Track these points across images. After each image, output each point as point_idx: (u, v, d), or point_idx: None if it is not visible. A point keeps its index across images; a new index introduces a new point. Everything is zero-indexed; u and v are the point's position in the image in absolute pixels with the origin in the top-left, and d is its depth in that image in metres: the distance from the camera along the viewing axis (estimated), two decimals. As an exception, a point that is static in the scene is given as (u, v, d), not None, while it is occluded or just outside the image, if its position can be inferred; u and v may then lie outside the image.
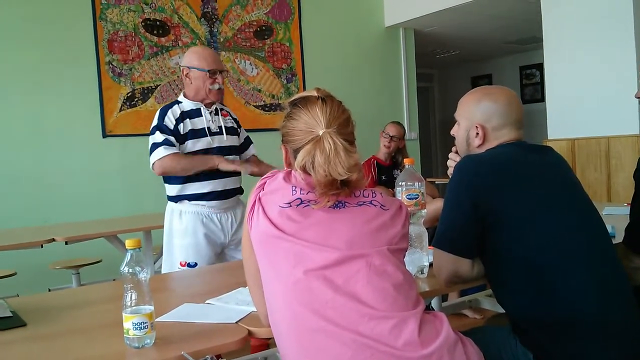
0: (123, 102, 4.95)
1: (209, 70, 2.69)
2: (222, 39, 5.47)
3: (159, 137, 2.63)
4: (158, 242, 4.14)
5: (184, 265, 2.69)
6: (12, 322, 1.54)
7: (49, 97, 4.64)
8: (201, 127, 2.71)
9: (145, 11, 5.07)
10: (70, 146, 4.73)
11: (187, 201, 2.75)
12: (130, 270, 1.30)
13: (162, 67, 5.13)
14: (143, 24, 5.06)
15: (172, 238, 2.78)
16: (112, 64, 4.90)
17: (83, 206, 4.69)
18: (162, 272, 2.78)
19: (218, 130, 2.76)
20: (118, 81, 4.93)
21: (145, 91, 5.06)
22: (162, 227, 3.77)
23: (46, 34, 4.64)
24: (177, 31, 5.23)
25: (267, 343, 2.76)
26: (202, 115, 2.73)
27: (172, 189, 2.76)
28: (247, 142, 2.99)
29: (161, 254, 3.99)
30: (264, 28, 5.75)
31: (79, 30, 4.78)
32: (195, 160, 2.64)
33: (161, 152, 2.60)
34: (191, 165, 2.64)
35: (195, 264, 2.69)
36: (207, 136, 2.70)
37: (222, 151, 2.73)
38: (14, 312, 1.62)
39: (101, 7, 4.86)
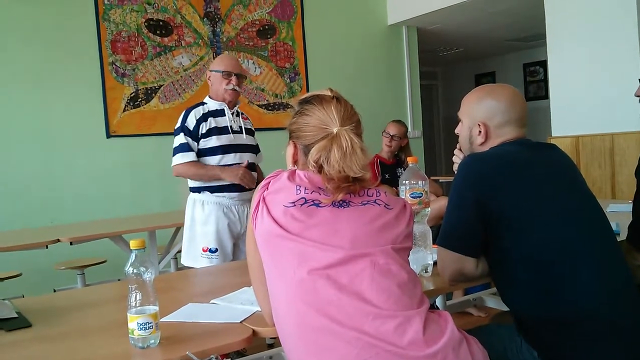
0: (127, 102, 4.96)
1: (222, 72, 2.97)
2: (225, 39, 5.47)
3: (180, 139, 2.92)
4: (162, 242, 4.17)
5: (205, 251, 2.92)
6: (18, 322, 1.54)
7: (52, 98, 4.65)
8: (224, 125, 2.97)
9: (148, 11, 5.08)
10: (74, 146, 4.74)
11: (208, 192, 2.97)
12: (135, 271, 1.30)
13: (165, 67, 5.14)
14: (146, 24, 5.07)
15: (194, 226, 2.98)
16: (115, 65, 4.91)
17: (87, 206, 4.70)
18: (184, 262, 2.97)
19: (239, 129, 3.04)
20: (121, 81, 4.94)
21: (149, 91, 5.06)
22: (166, 227, 3.83)
23: (49, 34, 4.65)
24: (180, 31, 5.23)
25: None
26: (225, 115, 2.99)
27: (195, 181, 3.00)
28: (258, 148, 3.22)
29: (166, 254, 4.04)
30: (266, 27, 5.75)
31: (82, 30, 4.79)
32: (203, 170, 2.92)
33: (177, 159, 2.92)
34: (199, 175, 2.93)
35: (217, 250, 2.91)
36: (229, 133, 2.98)
37: (242, 148, 3.02)
38: (20, 312, 1.63)
39: (104, 7, 4.86)
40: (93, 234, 3.40)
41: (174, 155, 2.94)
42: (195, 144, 2.92)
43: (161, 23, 5.14)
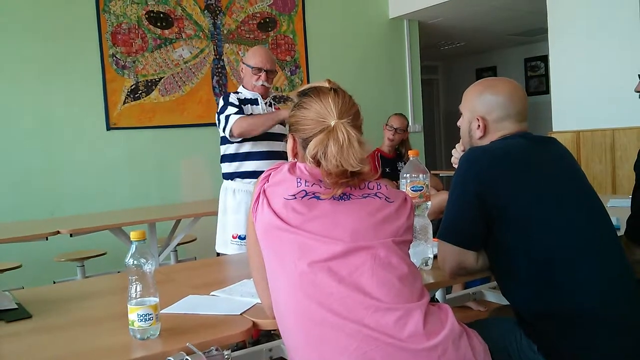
0: (127, 94, 4.95)
1: (252, 67, 3.04)
2: (225, 31, 5.45)
3: (230, 109, 2.95)
4: (162, 234, 4.17)
5: (235, 238, 3.01)
6: (18, 314, 1.55)
7: (53, 90, 4.64)
8: (257, 113, 3.04)
9: (149, 3, 5.06)
10: (75, 139, 4.73)
11: (239, 179, 3.06)
12: (135, 262, 1.30)
13: (165, 60, 5.12)
14: (146, 16, 5.05)
15: (226, 214, 3.09)
16: (115, 57, 4.90)
17: (88, 199, 4.69)
18: (217, 248, 3.09)
19: None
20: (122, 74, 4.93)
21: (149, 83, 5.05)
22: (167, 219, 3.85)
23: (50, 26, 4.63)
24: (180, 23, 5.22)
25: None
26: (259, 104, 3.07)
27: (229, 167, 3.09)
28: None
29: (166, 246, 4.04)
30: (267, 20, 5.73)
31: (82, 22, 4.77)
32: (265, 116, 2.94)
33: (235, 117, 2.91)
34: (261, 120, 2.92)
35: (245, 237, 2.96)
36: None
37: (274, 137, 3.02)
38: (20, 304, 1.63)
39: (104, -1, 4.85)
40: (93, 226, 3.39)
41: (227, 122, 2.92)
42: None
43: (162, 15, 5.13)
